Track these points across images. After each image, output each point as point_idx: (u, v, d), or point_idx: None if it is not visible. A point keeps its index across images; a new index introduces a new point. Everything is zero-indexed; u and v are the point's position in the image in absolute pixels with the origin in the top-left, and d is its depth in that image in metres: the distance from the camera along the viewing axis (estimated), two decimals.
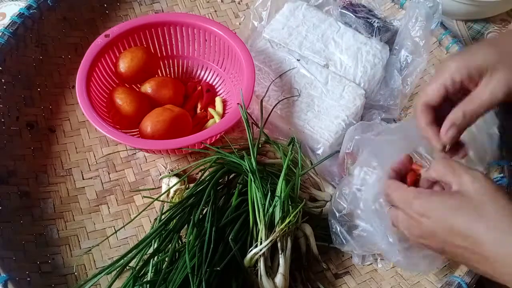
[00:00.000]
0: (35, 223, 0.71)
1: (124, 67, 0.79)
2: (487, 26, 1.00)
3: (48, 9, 0.85)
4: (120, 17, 0.94)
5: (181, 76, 0.88)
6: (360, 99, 0.80)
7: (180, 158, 0.80)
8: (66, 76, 0.85)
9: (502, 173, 0.70)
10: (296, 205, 0.65)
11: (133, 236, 0.72)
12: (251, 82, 0.75)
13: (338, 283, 0.70)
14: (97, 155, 0.79)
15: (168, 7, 0.96)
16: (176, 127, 0.75)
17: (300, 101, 0.80)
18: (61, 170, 0.77)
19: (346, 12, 0.89)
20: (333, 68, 0.84)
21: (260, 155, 0.74)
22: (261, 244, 0.62)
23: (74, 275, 0.68)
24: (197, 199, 0.67)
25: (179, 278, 0.60)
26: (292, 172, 0.70)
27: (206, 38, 0.84)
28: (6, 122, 0.77)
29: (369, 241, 0.65)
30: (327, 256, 0.71)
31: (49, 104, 0.82)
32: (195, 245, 0.62)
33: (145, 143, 0.71)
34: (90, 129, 0.81)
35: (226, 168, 0.70)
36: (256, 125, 0.74)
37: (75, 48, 0.88)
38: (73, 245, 0.71)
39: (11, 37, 0.79)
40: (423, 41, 0.83)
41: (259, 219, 0.63)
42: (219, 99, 0.83)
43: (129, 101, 0.76)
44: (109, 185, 0.77)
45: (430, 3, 0.83)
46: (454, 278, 0.63)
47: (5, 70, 0.78)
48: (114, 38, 0.79)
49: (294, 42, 0.85)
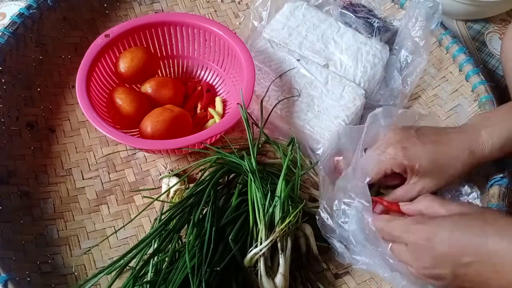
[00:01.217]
0: (35, 223, 0.71)
1: (124, 67, 0.79)
2: (487, 26, 1.00)
3: (48, 9, 0.85)
4: (120, 17, 0.94)
5: (181, 76, 0.88)
6: (360, 99, 0.80)
7: (180, 158, 0.80)
8: (66, 76, 0.85)
9: (502, 173, 0.70)
10: (296, 205, 0.65)
11: (133, 236, 0.72)
12: (251, 82, 0.75)
13: (338, 283, 0.70)
14: (97, 155, 0.79)
15: (168, 7, 0.96)
16: (176, 127, 0.75)
17: (300, 101, 0.80)
18: (61, 170, 0.77)
19: (346, 12, 0.89)
20: (333, 68, 0.84)
21: (260, 155, 0.74)
22: (261, 244, 0.62)
23: (74, 275, 0.68)
24: (197, 199, 0.67)
25: (179, 278, 0.60)
26: (292, 172, 0.70)
27: (206, 38, 0.84)
28: (6, 122, 0.77)
29: (370, 269, 0.64)
30: (327, 256, 0.71)
31: (49, 104, 0.82)
32: (195, 245, 0.62)
33: (145, 143, 0.71)
34: (90, 129, 0.81)
35: (226, 168, 0.70)
36: (256, 125, 0.74)
37: (75, 48, 0.88)
38: (73, 245, 0.71)
39: (11, 37, 0.79)
40: (423, 41, 0.83)
41: (259, 219, 0.63)
42: (219, 99, 0.83)
43: (129, 101, 0.76)
44: (109, 185, 0.77)
45: (430, 3, 0.83)
46: None
47: (5, 70, 0.78)
48: (114, 38, 0.79)
49: (294, 42, 0.85)
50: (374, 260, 0.62)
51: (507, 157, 0.67)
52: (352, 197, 0.64)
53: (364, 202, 0.63)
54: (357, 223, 0.63)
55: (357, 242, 0.63)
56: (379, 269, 0.62)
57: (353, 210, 0.64)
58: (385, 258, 0.61)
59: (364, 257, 0.63)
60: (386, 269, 0.61)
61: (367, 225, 0.62)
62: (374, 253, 0.62)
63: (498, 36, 0.99)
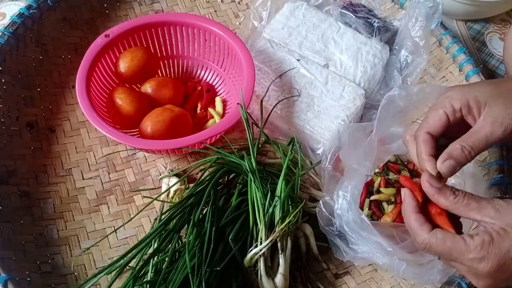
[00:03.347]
0: (35, 223, 0.71)
1: (124, 67, 0.79)
2: (487, 26, 1.00)
3: (48, 9, 0.85)
4: (120, 17, 0.94)
5: (181, 76, 0.88)
6: (360, 99, 0.80)
7: (180, 158, 0.80)
8: (66, 76, 0.85)
9: (502, 173, 0.70)
10: (296, 205, 0.65)
11: (133, 236, 0.72)
12: (251, 82, 0.75)
13: (338, 283, 0.70)
14: (97, 155, 0.79)
15: (168, 7, 0.96)
16: (176, 127, 0.75)
17: (300, 101, 0.80)
18: (61, 170, 0.77)
19: (346, 12, 0.89)
20: (333, 68, 0.84)
21: (260, 155, 0.74)
22: (261, 244, 0.62)
23: (74, 275, 0.68)
24: (197, 199, 0.67)
25: (179, 278, 0.60)
26: (292, 172, 0.70)
27: (206, 38, 0.84)
28: (6, 122, 0.77)
29: (369, 259, 0.63)
30: (327, 256, 0.71)
31: (49, 104, 0.82)
32: (195, 245, 0.62)
33: (145, 143, 0.71)
34: (90, 129, 0.81)
35: (226, 168, 0.70)
36: (256, 125, 0.74)
37: (75, 48, 0.88)
38: (73, 245, 0.71)
39: (11, 37, 0.79)
40: (423, 41, 0.83)
41: (259, 219, 0.63)
42: (219, 99, 0.83)
43: (129, 101, 0.76)
44: (109, 185, 0.77)
45: (430, 3, 0.83)
46: (454, 278, 0.63)
47: (5, 70, 0.78)
48: (114, 38, 0.79)
49: (294, 42, 0.85)
50: (371, 247, 0.62)
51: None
52: (350, 186, 0.64)
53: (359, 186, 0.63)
54: (353, 212, 0.63)
55: (353, 231, 0.63)
56: (377, 256, 0.62)
57: (349, 198, 0.64)
58: (382, 245, 0.61)
59: (361, 246, 0.63)
60: (384, 255, 0.61)
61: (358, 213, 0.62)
62: (370, 241, 0.62)
63: (498, 36, 0.99)
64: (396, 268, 0.61)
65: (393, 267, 0.61)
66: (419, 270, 0.61)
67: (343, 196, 0.64)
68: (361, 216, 0.62)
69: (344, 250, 0.66)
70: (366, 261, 0.65)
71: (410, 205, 0.54)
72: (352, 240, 0.63)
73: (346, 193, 0.64)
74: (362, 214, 0.62)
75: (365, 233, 0.62)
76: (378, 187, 0.75)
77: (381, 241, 0.61)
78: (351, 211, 0.63)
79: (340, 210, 0.64)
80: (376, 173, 0.76)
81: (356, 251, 0.64)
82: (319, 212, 0.66)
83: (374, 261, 0.63)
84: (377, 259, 0.62)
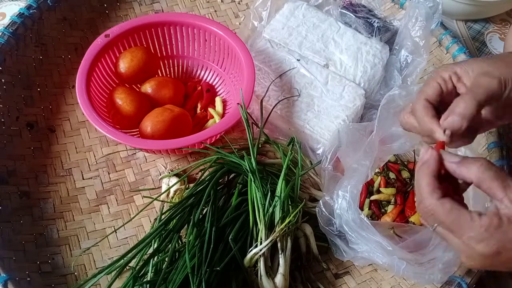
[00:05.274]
0: (35, 223, 0.71)
1: (124, 67, 0.79)
2: (487, 26, 1.00)
3: (48, 9, 0.85)
4: (120, 17, 0.94)
5: (181, 76, 0.88)
6: (360, 99, 0.80)
7: (180, 158, 0.80)
8: (66, 76, 0.85)
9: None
10: (296, 205, 0.65)
11: (133, 236, 0.72)
12: (251, 82, 0.75)
13: (338, 283, 0.70)
14: (97, 155, 0.79)
15: (168, 7, 0.96)
16: (176, 127, 0.75)
17: (300, 101, 0.80)
18: (61, 170, 0.77)
19: (346, 12, 0.89)
20: (333, 68, 0.84)
21: (260, 155, 0.74)
22: (261, 244, 0.62)
23: (74, 275, 0.68)
24: (197, 199, 0.67)
25: (179, 278, 0.60)
26: (292, 172, 0.70)
27: (206, 38, 0.84)
28: (6, 122, 0.77)
29: (369, 258, 0.63)
30: (327, 256, 0.71)
31: (49, 104, 0.82)
32: (195, 245, 0.62)
33: (145, 143, 0.71)
34: (90, 129, 0.81)
35: (226, 168, 0.70)
36: (256, 125, 0.74)
37: (75, 48, 0.88)
38: (73, 245, 0.71)
39: (11, 37, 0.79)
40: (423, 41, 0.82)
41: (259, 219, 0.63)
42: (219, 99, 0.83)
43: (129, 101, 0.76)
44: (109, 185, 0.77)
45: (430, 3, 0.83)
46: (454, 278, 0.63)
47: (5, 70, 0.78)
48: (114, 38, 0.79)
49: (294, 42, 0.85)
50: (371, 247, 0.62)
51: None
52: (350, 186, 0.64)
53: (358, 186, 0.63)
54: (353, 211, 0.63)
55: (353, 230, 0.63)
56: (377, 256, 0.62)
57: (349, 198, 0.64)
58: (382, 245, 0.61)
59: (361, 245, 0.63)
60: (384, 254, 0.61)
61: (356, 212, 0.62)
62: (370, 240, 0.62)
63: (498, 36, 0.99)
64: (396, 268, 0.61)
65: (393, 266, 0.61)
66: (419, 269, 0.61)
67: (343, 196, 0.64)
68: (360, 215, 0.62)
69: (344, 250, 0.66)
70: (366, 261, 0.65)
71: (430, 167, 0.50)
72: (352, 239, 0.63)
73: (346, 193, 0.64)
74: (361, 214, 0.62)
75: (365, 233, 0.62)
76: (378, 187, 0.75)
77: (381, 241, 0.61)
78: (351, 211, 0.63)
79: (339, 210, 0.64)
80: (376, 173, 0.76)
81: (356, 251, 0.64)
82: (319, 212, 0.66)
83: (374, 260, 0.63)
84: (377, 258, 0.62)
